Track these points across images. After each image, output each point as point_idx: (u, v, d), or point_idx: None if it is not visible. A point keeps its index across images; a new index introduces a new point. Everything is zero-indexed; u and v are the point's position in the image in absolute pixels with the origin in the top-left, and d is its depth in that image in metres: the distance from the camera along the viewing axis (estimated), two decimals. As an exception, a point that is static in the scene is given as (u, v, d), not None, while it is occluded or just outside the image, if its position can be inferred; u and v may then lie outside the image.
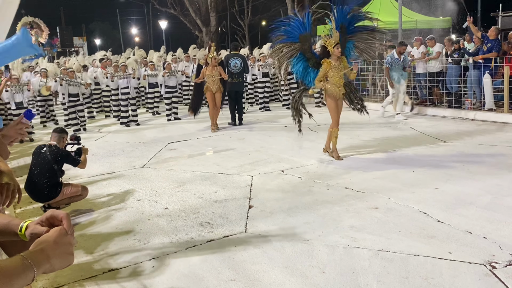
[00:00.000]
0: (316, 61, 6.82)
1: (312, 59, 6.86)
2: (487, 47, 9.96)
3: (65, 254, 1.09)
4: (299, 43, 6.83)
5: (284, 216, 4.79)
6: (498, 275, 3.33)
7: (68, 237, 1.10)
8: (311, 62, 6.86)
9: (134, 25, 49.15)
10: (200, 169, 6.93)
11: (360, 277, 3.42)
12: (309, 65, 6.86)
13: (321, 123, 10.50)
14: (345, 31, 6.88)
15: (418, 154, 7.04)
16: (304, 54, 6.86)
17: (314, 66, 6.85)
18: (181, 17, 29.16)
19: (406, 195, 5.17)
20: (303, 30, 6.80)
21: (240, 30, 34.61)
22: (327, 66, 6.64)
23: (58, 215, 1.13)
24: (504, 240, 3.90)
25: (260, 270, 3.64)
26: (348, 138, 8.56)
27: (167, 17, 34.16)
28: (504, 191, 5.13)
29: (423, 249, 3.82)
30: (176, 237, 4.43)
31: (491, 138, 7.87)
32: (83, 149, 5.47)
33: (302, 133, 7.25)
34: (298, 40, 6.82)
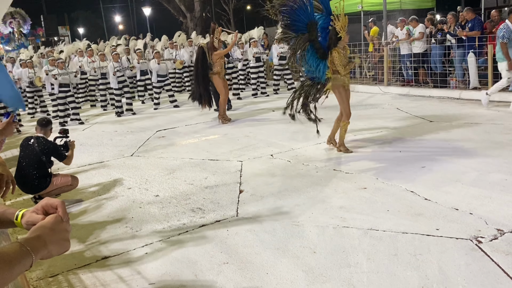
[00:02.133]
0: (323, 51, 6.05)
1: (320, 49, 6.04)
2: (469, 27, 10.04)
3: (62, 240, 1.12)
4: (308, 34, 5.96)
5: (274, 199, 4.85)
6: (484, 249, 3.43)
7: (64, 224, 1.13)
8: (319, 53, 6.04)
9: (117, 12, 48.48)
10: (189, 156, 6.94)
11: (350, 256, 3.49)
12: (318, 57, 6.03)
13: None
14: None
15: (405, 134, 7.13)
16: (313, 45, 6.02)
17: (322, 56, 6.05)
18: (164, 3, 28.79)
19: (393, 175, 5.25)
20: (309, 18, 5.94)
21: (225, 15, 34.34)
22: (339, 55, 6.07)
23: (53, 203, 1.16)
24: (489, 215, 4.00)
25: (252, 252, 3.70)
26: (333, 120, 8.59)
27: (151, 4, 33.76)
28: (489, 167, 5.23)
29: (411, 226, 3.90)
30: (168, 223, 4.46)
31: (476, 117, 7.98)
32: (70, 143, 5.46)
33: (320, 120, 6.61)
34: (307, 29, 5.95)
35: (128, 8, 45.86)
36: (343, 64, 6.14)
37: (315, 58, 6.01)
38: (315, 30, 6.00)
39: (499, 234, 3.64)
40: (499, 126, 7.14)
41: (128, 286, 3.41)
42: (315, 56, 6.00)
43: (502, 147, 5.96)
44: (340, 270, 3.31)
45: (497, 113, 8.20)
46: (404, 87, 11.71)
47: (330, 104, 6.98)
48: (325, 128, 6.90)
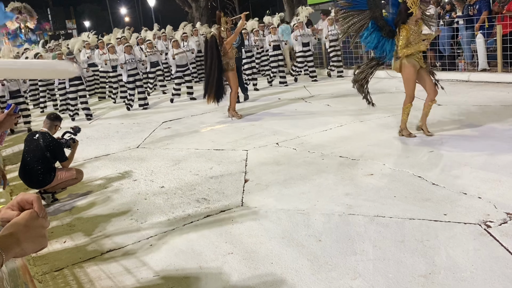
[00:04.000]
0: (390, 29, 5.76)
1: (386, 27, 5.77)
2: (476, 9, 9.84)
3: (37, 237, 1.07)
4: (369, 10, 5.74)
5: (280, 188, 4.80)
6: (493, 234, 3.36)
7: (40, 220, 1.08)
8: (385, 31, 5.77)
9: (123, 4, 48.40)
10: (195, 146, 6.91)
11: (356, 243, 3.44)
12: (382, 35, 5.79)
13: (314, 93, 10.48)
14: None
15: (412, 118, 7.01)
16: (376, 22, 5.76)
17: (387, 35, 5.78)
18: (169, -7, 28.65)
19: (401, 160, 5.17)
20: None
21: (231, 4, 34.09)
22: (407, 32, 5.60)
23: (28, 198, 1.11)
24: (498, 199, 3.92)
25: (257, 242, 3.66)
26: (342, 107, 8.53)
27: (155, -5, 33.61)
28: (498, 150, 5.13)
29: (418, 212, 3.84)
30: (173, 214, 4.44)
31: (485, 99, 7.84)
32: (74, 143, 5.46)
33: (374, 105, 6.40)
34: (367, 6, 5.74)
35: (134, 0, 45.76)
36: (411, 41, 5.66)
37: (379, 36, 5.79)
38: (379, 7, 5.79)
39: (508, 218, 3.57)
40: (509, 108, 6.99)
41: (133, 277, 3.40)
42: (379, 34, 5.79)
43: (509, 129, 5.84)
44: (346, 258, 3.26)
45: (507, 95, 8.04)
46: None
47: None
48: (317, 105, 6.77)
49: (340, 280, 3.02)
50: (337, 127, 7.03)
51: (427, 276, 2.95)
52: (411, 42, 5.66)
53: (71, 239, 4.21)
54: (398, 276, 2.98)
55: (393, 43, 5.80)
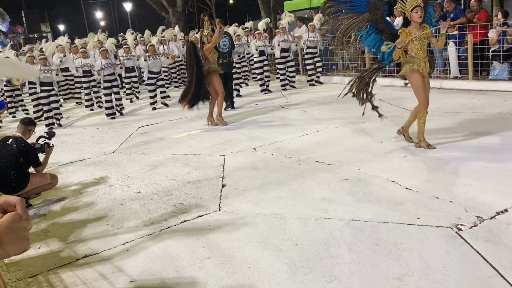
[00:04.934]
0: (391, 32, 5.67)
1: (386, 30, 5.69)
2: (451, 18, 10.12)
3: (20, 239, 1.08)
4: (368, 13, 5.69)
5: (257, 192, 4.84)
6: (464, 237, 3.46)
7: (23, 222, 1.09)
8: (385, 34, 5.69)
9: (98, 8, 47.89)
10: (172, 151, 6.89)
11: (332, 247, 3.49)
12: (383, 38, 5.70)
13: (291, 100, 10.58)
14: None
15: (386, 124, 7.15)
16: (375, 25, 5.70)
17: (388, 38, 5.67)
18: (146, -2, 28.50)
19: (375, 165, 5.27)
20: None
21: (208, 9, 34.12)
22: (405, 35, 5.43)
23: (11, 201, 1.11)
24: (469, 203, 4.03)
25: (235, 246, 3.68)
26: (318, 113, 8.64)
27: (132, -1, 33.39)
28: (469, 156, 5.27)
29: (392, 216, 3.92)
30: (150, 220, 4.42)
31: (456, 106, 8.05)
32: (48, 148, 5.38)
33: (382, 117, 6.37)
34: (367, 9, 5.70)
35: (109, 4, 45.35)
36: (412, 47, 5.52)
37: (378, 39, 5.72)
38: (379, 9, 5.68)
39: (478, 221, 3.67)
40: (479, 115, 7.20)
41: (109, 283, 3.38)
42: (378, 37, 5.72)
43: (482, 135, 6.01)
44: (322, 261, 3.31)
45: (477, 102, 8.27)
46: (386, 78, 11.75)
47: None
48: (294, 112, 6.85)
49: (317, 283, 3.06)
50: (314, 133, 7.12)
51: (400, 278, 3.02)
52: (412, 49, 5.51)
53: (46, 245, 4.15)
54: (372, 278, 3.04)
55: (394, 48, 5.59)
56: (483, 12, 10.46)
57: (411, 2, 5.35)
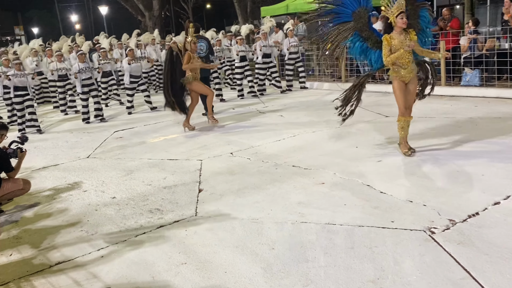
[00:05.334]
0: (376, 40, 5.66)
1: (372, 38, 5.68)
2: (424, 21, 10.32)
3: None
4: (353, 22, 5.70)
5: (234, 197, 4.83)
6: (437, 240, 3.52)
7: None
8: (371, 41, 5.69)
9: (73, 12, 47.23)
10: (147, 156, 6.83)
11: (308, 251, 3.52)
12: (369, 46, 5.72)
13: (269, 104, 10.63)
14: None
15: (361, 129, 7.25)
16: (360, 33, 5.70)
17: (374, 46, 5.69)
18: (122, 2, 28.24)
19: (351, 169, 5.33)
20: (357, 5, 5.69)
21: (184, 14, 34.04)
22: (387, 42, 5.42)
23: None
24: (442, 206, 4.11)
25: (211, 251, 3.67)
26: (295, 118, 8.70)
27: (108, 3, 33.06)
28: (441, 160, 5.38)
29: (367, 219, 3.97)
30: (125, 225, 4.37)
31: (429, 111, 8.20)
32: (21, 153, 5.28)
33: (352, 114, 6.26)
34: (352, 17, 5.70)
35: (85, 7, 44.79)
36: (396, 53, 5.43)
37: (364, 47, 5.71)
38: (363, 18, 5.68)
39: (451, 224, 3.75)
40: (451, 120, 7.37)
41: (83, 291, 3.32)
42: (364, 46, 5.70)
43: (454, 140, 6.15)
44: (298, 265, 3.33)
45: (449, 107, 8.46)
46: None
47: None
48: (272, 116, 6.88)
49: (293, 287, 3.08)
50: (290, 138, 7.16)
51: (375, 281, 3.05)
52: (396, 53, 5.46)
53: (18, 251, 4.06)
54: (348, 282, 3.07)
55: (379, 54, 5.63)
56: (455, 20, 10.73)
57: (396, 8, 5.32)
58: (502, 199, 4.13)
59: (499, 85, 9.55)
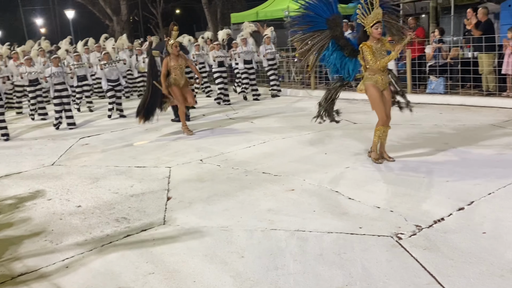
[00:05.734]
0: (352, 48, 5.58)
1: (347, 46, 5.60)
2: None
3: None
4: (328, 30, 5.56)
5: (203, 205, 4.79)
6: (404, 245, 3.57)
7: None
8: (347, 50, 5.60)
9: (38, 15, 46.13)
10: (114, 163, 6.71)
11: (277, 258, 3.51)
12: (345, 55, 5.61)
13: (239, 111, 10.63)
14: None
15: (331, 136, 7.32)
16: (337, 41, 5.59)
17: (350, 54, 5.60)
18: (89, 5, 27.77)
19: (320, 176, 5.36)
20: (330, 12, 5.55)
21: (153, 19, 33.73)
22: (369, 49, 5.34)
23: None
24: (408, 212, 4.18)
25: (179, 260, 3.62)
26: (265, 124, 8.72)
27: (74, 6, 32.43)
28: (408, 166, 5.49)
29: (336, 226, 4.00)
30: (91, 235, 4.27)
31: (396, 118, 8.30)
32: None
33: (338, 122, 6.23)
34: (327, 26, 5.57)
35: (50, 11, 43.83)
36: (375, 60, 5.40)
37: (341, 56, 5.62)
38: (339, 26, 5.60)
39: (417, 230, 3.81)
40: (417, 127, 7.53)
41: (46, 303, 3.21)
42: (341, 54, 5.61)
43: (420, 147, 6.28)
44: (268, 273, 3.32)
45: (415, 114, 8.62)
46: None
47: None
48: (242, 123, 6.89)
49: (262, 295, 3.06)
50: (261, 144, 7.16)
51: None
52: (370, 63, 5.44)
53: (-23, 264, 3.90)
54: (317, 289, 3.08)
55: (356, 63, 5.59)
56: (420, 29, 10.99)
57: (372, 18, 5.30)
58: (466, 205, 4.23)
59: (462, 93, 9.84)
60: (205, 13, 25.48)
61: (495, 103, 8.98)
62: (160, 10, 32.60)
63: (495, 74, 9.42)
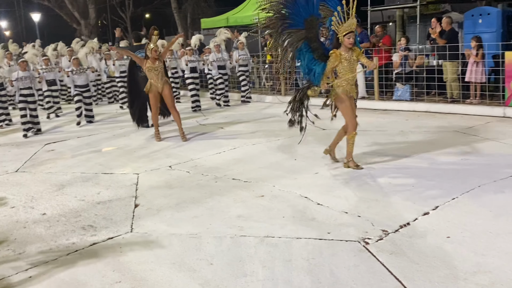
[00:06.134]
0: (322, 52, 5.59)
1: (319, 50, 5.59)
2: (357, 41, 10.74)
3: None
4: (305, 30, 5.53)
5: (172, 212, 4.74)
6: (371, 250, 3.62)
7: None
8: (317, 53, 5.58)
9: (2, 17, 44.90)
10: (81, 170, 6.58)
11: (246, 265, 3.50)
12: (314, 57, 5.59)
13: (209, 117, 10.59)
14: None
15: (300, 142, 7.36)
16: (309, 43, 5.57)
17: (320, 58, 5.57)
18: (56, 9, 27.21)
19: (289, 182, 5.40)
20: (309, 13, 5.51)
21: (122, 23, 33.34)
22: (336, 58, 5.41)
23: None
24: (375, 217, 4.25)
25: (147, 269, 3.57)
26: (235, 130, 8.72)
27: (41, 9, 31.73)
28: (375, 172, 5.58)
29: (305, 231, 4.02)
30: (56, 243, 4.17)
31: (364, 125, 8.45)
32: None
33: (303, 133, 6.20)
34: (304, 26, 5.52)
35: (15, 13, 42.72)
36: (341, 69, 5.52)
37: (311, 58, 5.59)
38: (315, 28, 5.58)
39: (384, 234, 3.88)
40: (384, 133, 7.67)
41: (8, 315, 3.11)
42: (311, 56, 5.58)
43: (386, 152, 6.40)
44: (237, 280, 3.30)
45: (382, 121, 8.81)
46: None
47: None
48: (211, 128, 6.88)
49: (231, 302, 3.04)
50: (230, 150, 7.16)
51: (312, 293, 3.09)
52: (341, 71, 5.53)
53: None
54: (286, 295, 3.08)
55: (324, 67, 5.56)
56: (387, 37, 11.24)
57: (346, 27, 5.35)
58: (431, 210, 4.33)
59: (428, 100, 10.09)
60: (175, 18, 25.35)
61: (458, 110, 9.25)
62: (129, 14, 32.27)
63: (459, 81, 9.71)
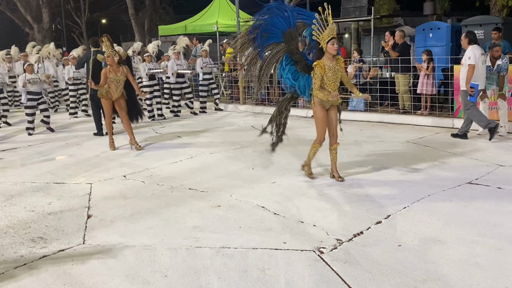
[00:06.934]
0: (305, 64, 5.52)
1: (301, 61, 5.53)
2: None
3: None
4: (284, 43, 5.52)
5: (126, 223, 4.65)
6: (325, 259, 3.67)
7: None
8: (300, 65, 5.54)
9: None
10: (31, 179, 6.34)
11: (201, 277, 3.47)
12: (298, 70, 5.57)
13: (166, 125, 10.49)
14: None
15: (258, 151, 7.41)
16: (291, 56, 5.54)
17: (303, 70, 5.54)
18: (7, 12, 26.29)
19: (246, 191, 5.41)
20: (287, 26, 5.48)
21: (77, 28, 32.58)
22: (321, 69, 5.27)
23: None
24: (330, 226, 4.31)
25: (99, 282, 3.47)
26: (192, 139, 8.67)
27: (-9, 12, 30.56)
28: (330, 181, 5.68)
29: (261, 241, 4.03)
30: (3, 256, 3.99)
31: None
32: None
33: (279, 145, 6.08)
34: (283, 39, 5.52)
35: (-37, 15, 40.92)
36: (326, 80, 5.38)
37: (293, 70, 5.56)
38: (294, 40, 5.50)
39: (338, 244, 3.94)
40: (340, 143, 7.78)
41: None
42: (294, 69, 5.55)
43: (341, 162, 6.49)
44: (191, 292, 3.27)
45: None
46: (258, 105, 12.25)
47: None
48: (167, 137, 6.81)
49: (185, 315, 3.01)
50: (187, 159, 7.10)
51: (267, 304, 3.09)
52: (324, 81, 5.38)
53: None
54: (241, 306, 3.08)
55: (309, 79, 5.52)
56: (342, 49, 11.52)
57: (328, 34, 5.24)
58: (383, 219, 4.44)
59: (381, 110, 10.39)
60: (132, 24, 25.01)
61: (410, 121, 9.57)
62: (85, 19, 31.59)
63: (410, 93, 10.06)
